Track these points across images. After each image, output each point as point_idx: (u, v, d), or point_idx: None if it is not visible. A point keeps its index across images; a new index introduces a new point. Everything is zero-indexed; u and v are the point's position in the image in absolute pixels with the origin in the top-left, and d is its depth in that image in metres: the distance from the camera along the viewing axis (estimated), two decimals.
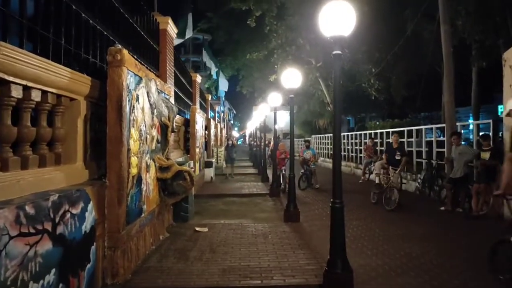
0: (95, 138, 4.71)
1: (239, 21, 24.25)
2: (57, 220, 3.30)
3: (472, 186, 8.69)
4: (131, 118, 4.82)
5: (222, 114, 39.79)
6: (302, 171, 13.39)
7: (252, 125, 32.54)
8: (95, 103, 4.69)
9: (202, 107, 19.36)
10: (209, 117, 21.34)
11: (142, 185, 5.36)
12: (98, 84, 4.66)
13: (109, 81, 4.40)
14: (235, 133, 66.11)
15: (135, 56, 6.47)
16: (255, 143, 25.91)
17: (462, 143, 9.48)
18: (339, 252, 4.27)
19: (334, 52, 4.25)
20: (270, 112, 14.60)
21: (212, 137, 20.39)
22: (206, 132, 17.78)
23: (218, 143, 23.66)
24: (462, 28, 14.06)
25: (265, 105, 15.45)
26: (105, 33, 5.51)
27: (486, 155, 8.37)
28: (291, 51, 21.43)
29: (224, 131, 35.95)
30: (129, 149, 4.69)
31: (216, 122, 26.58)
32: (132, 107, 4.84)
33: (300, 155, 14.36)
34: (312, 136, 31.55)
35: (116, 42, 5.45)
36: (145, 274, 4.85)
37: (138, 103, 5.16)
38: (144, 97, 5.50)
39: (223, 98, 43.41)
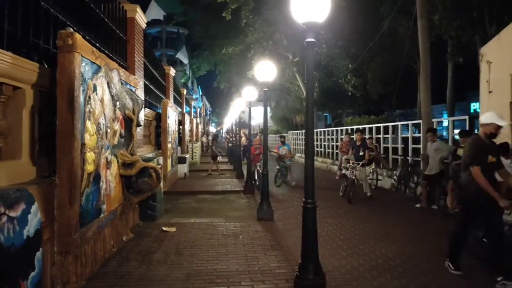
0: (47, 132, 4.27)
1: (217, 16, 23.77)
2: None
3: (448, 183, 8.59)
4: (87, 109, 4.38)
5: (198, 109, 39.19)
6: (278, 167, 13.12)
7: (229, 120, 32.15)
8: (46, 93, 4.25)
9: (177, 102, 18.85)
10: (184, 112, 20.85)
11: (101, 183, 4.94)
12: (49, 72, 4.22)
13: (59, 68, 3.96)
14: (212, 129, 65.55)
15: (97, 44, 6.04)
16: (231, 139, 25.56)
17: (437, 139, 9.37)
18: (311, 256, 3.96)
19: (307, 40, 3.93)
20: (247, 108, 14.27)
21: (187, 133, 19.92)
22: (181, 127, 17.32)
23: (194, 139, 23.18)
24: (439, 24, 14.01)
25: (241, 100, 15.11)
26: (60, 17, 5.04)
27: (462, 152, 8.23)
28: (268, 46, 21.14)
29: (200, 127, 35.43)
30: (83, 144, 4.26)
31: (192, 117, 26.06)
32: (87, 98, 4.40)
33: (276, 151, 14.09)
34: (289, 132, 31.42)
35: (74, 27, 5.00)
36: (101, 280, 4.45)
37: (96, 94, 4.73)
38: (104, 88, 5.06)
39: (200, 93, 42.86)
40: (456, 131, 9.80)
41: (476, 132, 10.56)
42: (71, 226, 4.01)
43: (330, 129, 21.27)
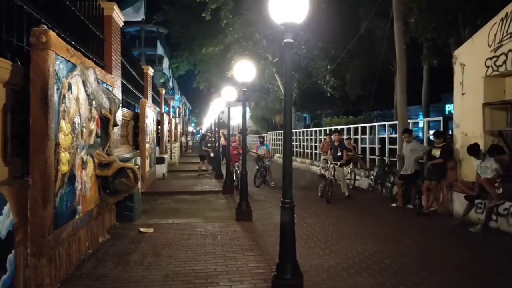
0: (20, 131, 4.16)
1: (196, 15, 23.63)
2: None
3: (423, 183, 8.77)
4: (61, 108, 4.29)
5: (177, 109, 38.88)
6: (257, 168, 13.14)
7: (209, 120, 32.01)
8: (20, 92, 4.15)
9: (155, 101, 18.66)
10: (163, 111, 20.66)
11: (76, 183, 4.85)
12: (23, 70, 4.12)
13: (33, 66, 3.87)
14: (191, 129, 65.15)
15: (73, 42, 5.92)
16: (210, 138, 25.44)
17: (413, 140, 9.57)
18: (288, 255, 3.98)
19: (286, 40, 3.95)
20: (226, 108, 14.23)
21: (166, 133, 19.74)
22: (159, 127, 17.15)
23: (173, 139, 22.99)
24: (415, 26, 14.29)
25: (220, 100, 15.06)
26: (35, 14, 4.92)
27: (437, 152, 8.44)
28: (247, 46, 21.15)
29: (179, 127, 35.16)
30: (57, 144, 4.17)
31: (171, 117, 25.85)
32: (62, 97, 4.32)
33: (255, 151, 14.10)
34: (269, 132, 31.49)
35: (49, 24, 4.90)
36: (76, 282, 4.37)
37: (71, 93, 4.64)
38: (79, 87, 4.97)
39: (179, 93, 42.52)
40: (431, 132, 10.01)
41: (450, 133, 10.85)
42: (44, 227, 3.93)
43: (309, 129, 21.42)
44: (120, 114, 8.53)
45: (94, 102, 5.59)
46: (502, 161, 7.04)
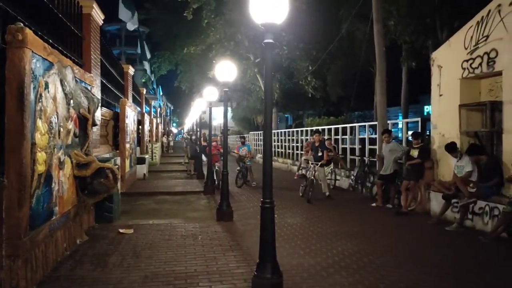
0: None
1: (179, 15, 23.48)
2: None
3: (402, 182, 8.92)
4: (38, 108, 4.22)
5: (159, 109, 38.55)
6: (238, 168, 13.13)
7: (190, 120, 31.83)
8: None
9: (136, 101, 18.46)
10: (144, 111, 20.46)
11: (53, 184, 4.77)
12: None
13: (8, 64, 3.79)
14: (173, 129, 64.71)
15: (50, 41, 5.81)
16: (191, 138, 25.28)
17: (392, 140, 9.71)
18: (269, 255, 3.99)
19: (266, 41, 3.96)
20: (208, 108, 14.17)
21: (147, 132, 19.56)
22: (140, 127, 16.98)
23: (154, 139, 22.79)
24: (394, 29, 14.53)
25: (202, 100, 14.99)
26: (10, 12, 4.82)
27: (415, 153, 8.60)
28: (229, 46, 21.10)
29: (160, 127, 34.88)
30: (34, 144, 4.09)
31: (152, 117, 25.61)
32: (39, 96, 4.24)
33: (236, 151, 14.09)
34: (251, 132, 31.51)
35: (25, 22, 4.80)
36: (52, 284, 4.30)
37: (48, 92, 4.56)
38: (57, 86, 4.89)
39: (160, 93, 42.17)
40: (410, 132, 10.18)
41: (428, 133, 11.06)
42: (20, 228, 3.85)
43: (290, 130, 21.51)
44: (100, 113, 8.42)
45: (72, 101, 5.50)
46: (479, 161, 7.21)
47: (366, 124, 13.48)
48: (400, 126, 15.34)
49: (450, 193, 7.44)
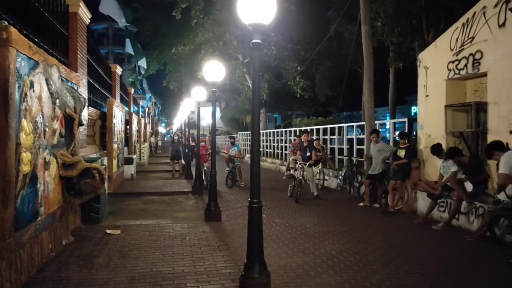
0: None
1: (167, 14, 23.35)
2: None
3: (388, 182, 9.00)
4: (23, 107, 4.17)
5: (147, 109, 38.28)
6: (228, 169, 13.11)
7: (179, 120, 31.68)
8: None
9: (124, 101, 18.33)
10: (132, 111, 20.31)
11: (38, 184, 4.71)
12: None
13: None
14: (161, 129, 64.32)
15: (36, 39, 5.75)
16: (180, 138, 25.20)
17: (380, 140, 9.79)
18: (256, 255, 4.00)
19: (254, 41, 3.97)
20: (196, 108, 14.13)
21: (135, 132, 19.42)
22: (128, 127, 16.85)
23: (142, 139, 22.64)
24: (381, 30, 14.64)
25: (191, 100, 14.93)
26: None
27: (402, 153, 8.68)
28: (218, 46, 21.03)
29: (149, 127, 34.66)
30: (18, 144, 4.04)
31: (140, 117, 25.43)
32: (23, 95, 4.19)
33: (226, 152, 14.07)
34: (239, 132, 31.48)
35: (10, 20, 4.74)
36: (38, 286, 4.24)
37: (33, 91, 4.50)
38: (42, 85, 4.83)
39: (149, 93, 41.86)
40: (397, 132, 10.27)
41: (414, 134, 11.18)
42: (4, 229, 3.80)
43: (279, 130, 21.55)
44: (86, 113, 8.35)
45: (57, 100, 5.44)
46: (461, 162, 7.31)
47: (354, 124, 13.57)
48: (387, 126, 15.50)
49: (436, 192, 7.52)
